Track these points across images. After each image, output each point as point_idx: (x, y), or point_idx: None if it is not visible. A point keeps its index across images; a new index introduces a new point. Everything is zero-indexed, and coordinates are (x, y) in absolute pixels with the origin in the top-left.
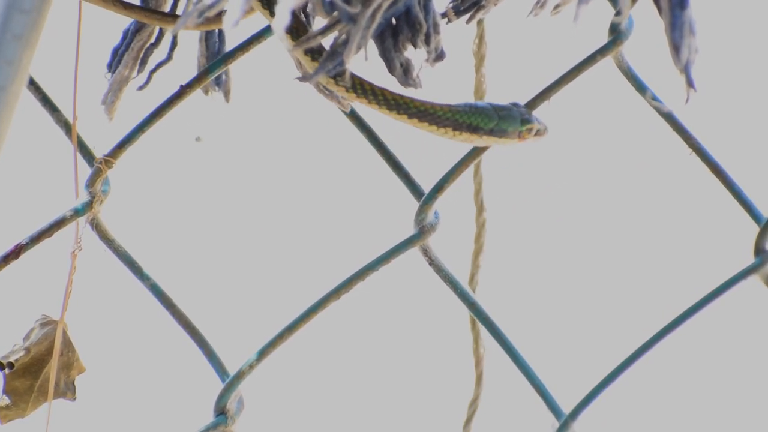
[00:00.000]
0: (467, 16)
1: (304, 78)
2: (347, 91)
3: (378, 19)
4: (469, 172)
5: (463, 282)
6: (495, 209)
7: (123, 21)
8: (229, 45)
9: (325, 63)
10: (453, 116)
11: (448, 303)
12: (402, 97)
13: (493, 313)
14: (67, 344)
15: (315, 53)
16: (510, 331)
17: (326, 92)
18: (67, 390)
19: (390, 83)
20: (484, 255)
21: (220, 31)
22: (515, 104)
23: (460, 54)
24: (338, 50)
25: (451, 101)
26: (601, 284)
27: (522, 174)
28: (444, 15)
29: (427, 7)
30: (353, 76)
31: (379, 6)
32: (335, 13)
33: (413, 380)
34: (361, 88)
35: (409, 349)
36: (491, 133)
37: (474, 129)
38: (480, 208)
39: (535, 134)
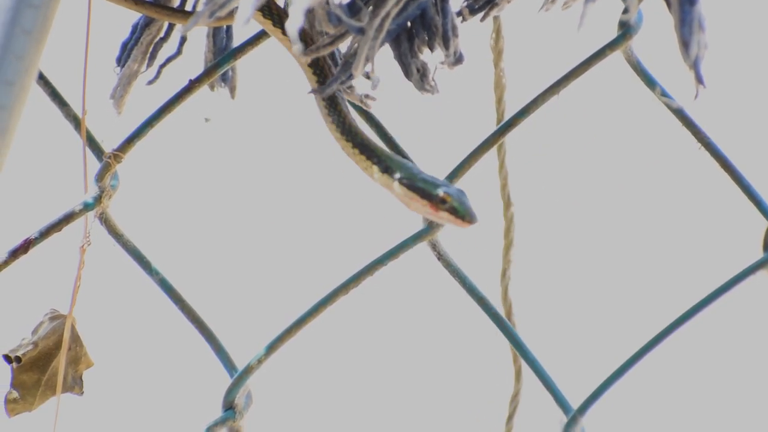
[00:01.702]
0: (482, 14)
1: (318, 91)
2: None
3: (386, 28)
4: (478, 166)
5: (471, 277)
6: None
7: (132, 15)
8: (237, 41)
9: (338, 74)
10: (386, 159)
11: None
12: (356, 127)
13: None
14: (75, 339)
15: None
16: (518, 326)
17: (348, 91)
18: (74, 384)
19: (407, 88)
20: (515, 249)
21: (228, 27)
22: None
23: (475, 50)
24: (349, 61)
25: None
26: (611, 279)
27: (531, 171)
28: (459, 14)
29: (444, 10)
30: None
31: (387, 15)
32: (342, 25)
33: (447, 379)
34: (332, 104)
35: (443, 347)
36: (408, 185)
37: (395, 175)
38: (507, 203)
39: (452, 212)
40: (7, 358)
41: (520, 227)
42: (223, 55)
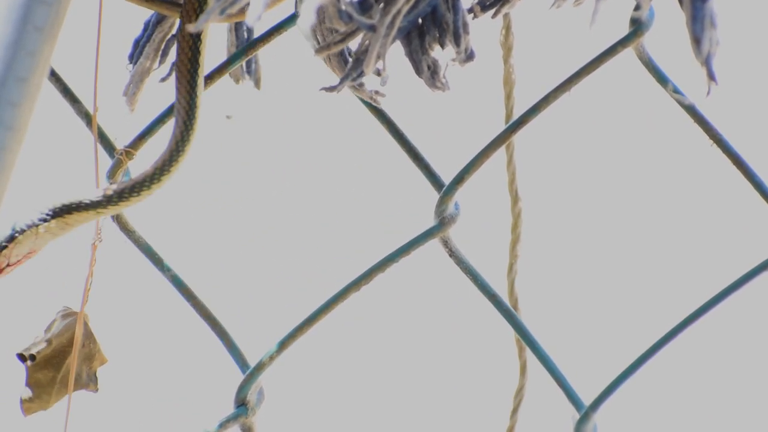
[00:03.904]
0: (493, 11)
1: (331, 88)
2: None
3: (397, 25)
4: (491, 163)
5: (496, 276)
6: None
7: (144, 12)
8: (257, 35)
9: (349, 72)
10: None
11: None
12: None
13: (522, 306)
14: (89, 336)
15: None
16: (531, 322)
17: (357, 88)
18: (89, 381)
19: (417, 85)
20: (522, 245)
21: None
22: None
23: (486, 45)
24: (360, 58)
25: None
26: (620, 274)
27: (540, 166)
28: (470, 11)
29: (455, 7)
30: None
31: (398, 12)
32: (353, 23)
33: (454, 372)
34: None
35: (450, 341)
36: None
37: None
38: (515, 198)
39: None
40: (21, 357)
41: (528, 223)
42: (236, 51)
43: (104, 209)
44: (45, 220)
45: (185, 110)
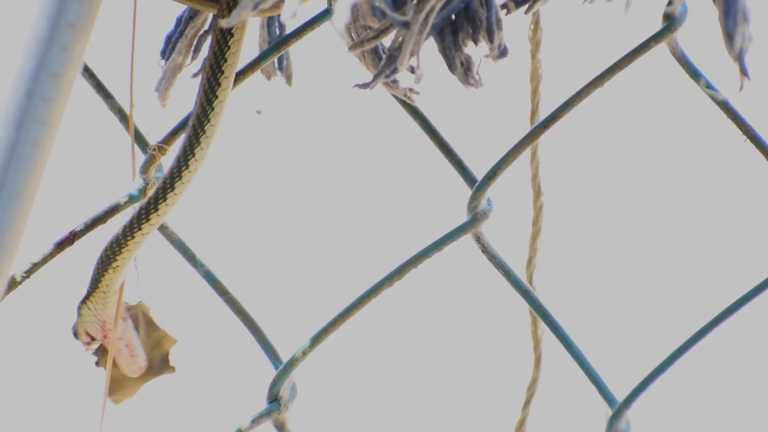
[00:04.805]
0: (526, 6)
1: (364, 85)
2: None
3: (431, 22)
4: (523, 158)
5: (516, 269)
6: (551, 194)
7: (177, 8)
8: (290, 30)
9: (383, 68)
10: None
11: (505, 286)
12: None
13: (547, 300)
14: (149, 324)
15: None
16: (563, 317)
17: (391, 85)
18: (163, 366)
19: (450, 81)
20: (542, 238)
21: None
22: None
23: (515, 40)
24: (394, 55)
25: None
26: (656, 270)
27: (563, 161)
28: (503, 6)
29: (488, 3)
30: None
31: (432, 9)
32: (386, 20)
33: (470, 363)
34: None
35: (466, 332)
36: None
37: None
38: (537, 192)
39: None
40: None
41: (550, 217)
42: (268, 47)
43: (141, 235)
44: (99, 281)
45: (198, 114)
